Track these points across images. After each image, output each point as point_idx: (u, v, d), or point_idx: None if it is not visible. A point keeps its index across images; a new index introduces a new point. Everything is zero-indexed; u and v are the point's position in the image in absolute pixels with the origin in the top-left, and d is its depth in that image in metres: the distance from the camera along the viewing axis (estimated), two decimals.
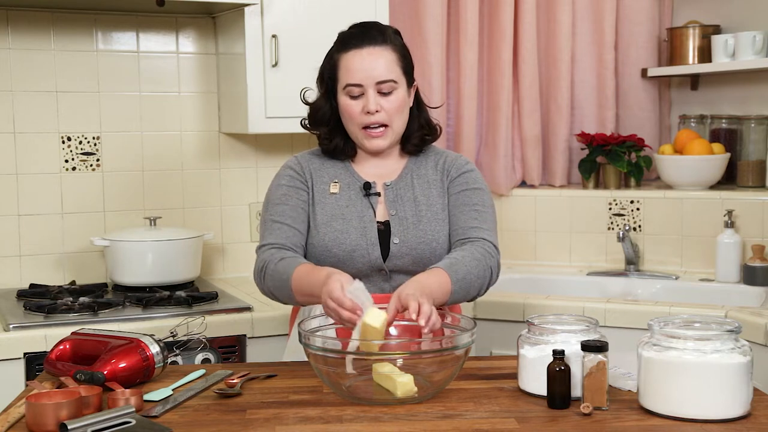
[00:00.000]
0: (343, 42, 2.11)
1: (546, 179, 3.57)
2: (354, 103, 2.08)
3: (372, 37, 2.08)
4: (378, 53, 2.07)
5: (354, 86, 2.07)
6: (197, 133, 3.16)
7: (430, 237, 2.08)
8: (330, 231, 2.07)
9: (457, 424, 1.59)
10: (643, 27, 3.54)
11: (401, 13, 3.34)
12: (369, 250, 2.06)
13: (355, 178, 2.14)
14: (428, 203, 2.12)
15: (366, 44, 2.07)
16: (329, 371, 1.73)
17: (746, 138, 3.33)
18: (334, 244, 2.05)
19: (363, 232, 2.07)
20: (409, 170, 2.18)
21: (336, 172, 2.15)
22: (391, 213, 2.11)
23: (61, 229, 2.98)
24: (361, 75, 2.06)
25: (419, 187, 2.15)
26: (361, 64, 2.06)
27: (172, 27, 3.10)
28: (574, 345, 1.70)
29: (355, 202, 2.11)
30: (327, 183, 2.13)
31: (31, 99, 2.93)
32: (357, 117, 2.08)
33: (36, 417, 1.56)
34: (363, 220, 2.08)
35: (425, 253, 2.08)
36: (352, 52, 2.07)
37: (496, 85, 3.42)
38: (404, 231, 2.08)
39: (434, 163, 2.19)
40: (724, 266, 3.04)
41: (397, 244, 2.07)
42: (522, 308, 2.74)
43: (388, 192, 2.14)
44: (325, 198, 2.11)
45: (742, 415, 1.60)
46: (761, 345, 2.40)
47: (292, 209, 2.10)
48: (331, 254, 2.05)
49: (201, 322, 2.33)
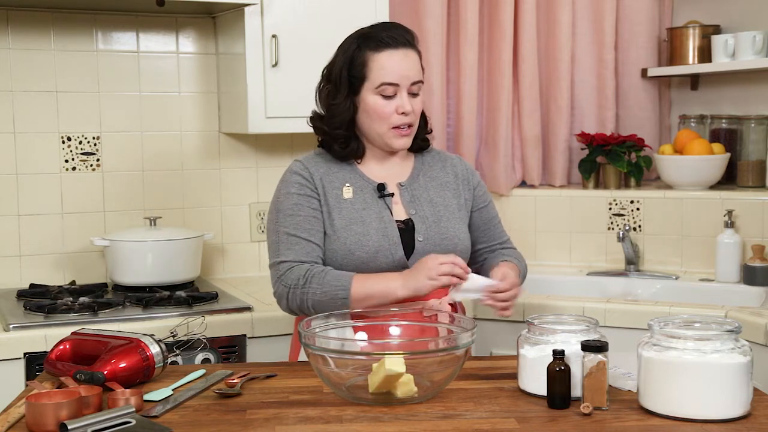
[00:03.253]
0: (374, 41, 2.08)
1: (546, 179, 3.57)
2: (386, 103, 2.08)
3: (405, 39, 2.11)
4: (411, 55, 2.12)
5: (390, 85, 2.07)
6: (197, 133, 3.16)
7: (452, 233, 2.14)
8: (351, 235, 2.07)
9: (457, 424, 1.59)
10: (643, 27, 3.54)
11: (401, 13, 3.34)
12: (392, 250, 2.08)
13: (366, 181, 2.15)
14: (444, 204, 2.18)
15: (401, 45, 2.10)
16: (329, 371, 1.73)
17: (746, 138, 3.33)
18: (356, 247, 2.06)
19: (384, 233, 2.08)
20: (419, 170, 2.22)
21: (345, 176, 2.14)
22: (411, 212, 2.14)
23: (61, 229, 2.98)
24: (398, 75, 2.07)
25: (433, 188, 2.20)
26: (399, 64, 2.08)
27: (172, 27, 3.10)
28: (574, 345, 1.70)
29: (371, 205, 2.12)
30: (339, 188, 2.12)
31: (31, 99, 2.93)
32: (389, 117, 2.08)
33: (36, 417, 1.56)
34: (383, 221, 2.10)
35: (449, 248, 2.12)
36: (387, 51, 2.08)
37: (496, 85, 3.42)
38: (427, 229, 2.12)
39: (442, 165, 2.25)
40: (724, 266, 3.04)
41: (421, 242, 2.10)
42: (522, 308, 2.74)
43: (404, 192, 2.17)
44: (340, 203, 2.10)
45: (742, 415, 1.60)
46: (761, 345, 2.40)
47: (306, 220, 2.08)
48: (354, 257, 2.06)
49: (201, 322, 2.33)
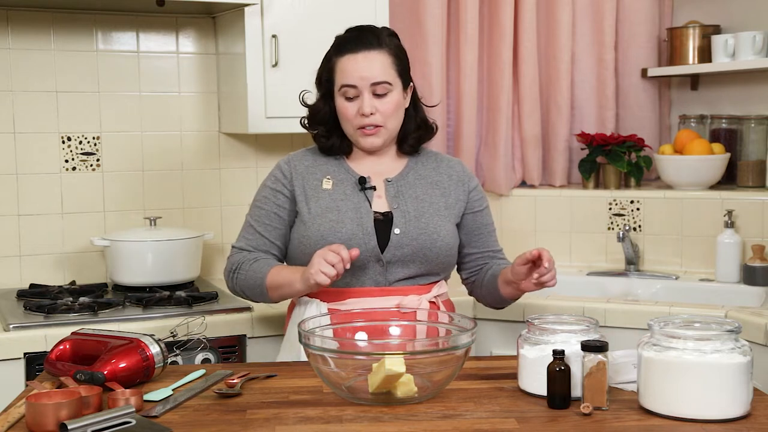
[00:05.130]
0: (340, 46, 2.18)
1: (546, 179, 3.57)
2: (349, 105, 2.15)
3: (368, 42, 2.15)
4: (373, 57, 2.14)
5: (349, 87, 2.13)
6: (197, 133, 3.16)
7: (432, 229, 2.15)
8: (325, 222, 2.13)
9: (457, 424, 1.60)
10: (643, 27, 3.54)
11: (401, 13, 3.34)
12: (366, 240, 2.10)
13: (350, 174, 2.21)
14: (430, 201, 2.19)
15: (361, 49, 2.14)
16: (329, 371, 1.73)
17: (746, 138, 3.33)
18: (329, 233, 2.10)
19: (359, 222, 2.12)
20: (410, 168, 2.25)
21: (329, 169, 2.23)
22: (393, 206, 2.16)
23: (61, 229, 2.98)
24: (356, 77, 2.13)
25: (420, 186, 2.21)
26: (357, 66, 2.13)
27: (172, 27, 3.10)
28: (574, 345, 1.70)
29: (350, 196, 2.17)
30: (319, 179, 2.20)
31: (31, 99, 2.93)
32: (352, 119, 2.15)
33: (36, 417, 1.56)
34: (359, 211, 2.14)
35: (426, 243, 2.13)
36: (348, 55, 2.14)
37: (496, 85, 3.42)
38: (406, 223, 2.14)
39: (436, 166, 2.26)
40: (724, 266, 3.04)
41: (397, 235, 2.12)
42: (522, 308, 2.73)
43: (390, 187, 2.20)
44: (318, 193, 2.18)
45: (742, 415, 1.60)
46: (761, 345, 2.40)
47: (267, 215, 2.22)
48: (326, 242, 2.09)
49: (201, 322, 2.33)
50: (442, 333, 1.91)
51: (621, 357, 1.84)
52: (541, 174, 3.55)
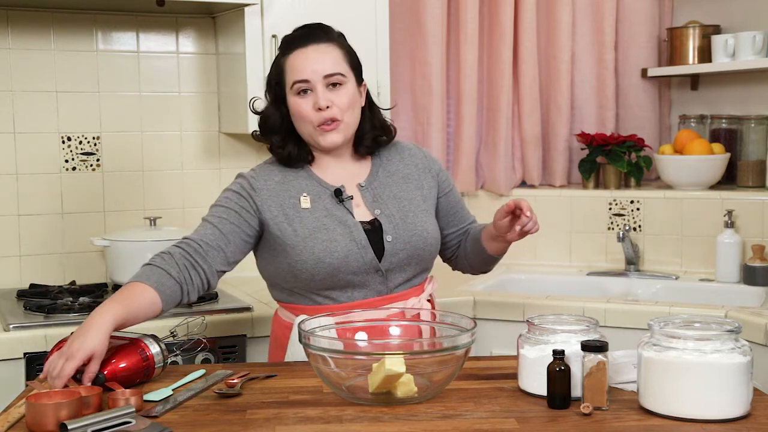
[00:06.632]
0: (287, 45, 2.10)
1: (546, 179, 3.57)
2: (304, 101, 2.06)
3: (316, 36, 2.09)
4: (323, 50, 2.07)
5: (301, 82, 2.05)
6: (197, 133, 3.16)
7: (420, 228, 2.11)
8: (318, 243, 2.02)
9: (457, 424, 1.59)
10: (643, 27, 3.54)
11: (401, 13, 3.34)
12: (362, 254, 2.04)
13: (323, 187, 2.10)
14: (408, 198, 2.14)
15: (310, 43, 2.07)
16: (329, 371, 1.73)
17: (746, 138, 3.33)
18: (325, 254, 2.02)
19: (351, 237, 2.04)
20: (377, 167, 2.17)
21: (301, 184, 2.10)
22: (376, 212, 2.10)
23: (61, 229, 2.98)
24: (308, 70, 2.05)
25: (394, 184, 2.16)
26: (307, 60, 2.06)
27: (172, 27, 3.10)
28: (574, 345, 1.70)
29: (332, 210, 2.08)
30: (296, 197, 2.08)
31: (31, 99, 2.93)
32: (309, 115, 2.05)
33: (36, 417, 1.56)
34: (347, 225, 2.06)
35: (418, 244, 2.09)
36: (296, 51, 2.07)
37: (496, 85, 3.42)
38: (394, 228, 2.08)
39: (400, 158, 2.20)
40: (724, 266, 3.04)
41: (390, 242, 2.07)
42: (522, 308, 2.74)
43: (365, 193, 2.13)
44: (300, 213, 2.06)
45: (742, 415, 1.60)
46: (761, 345, 2.40)
47: (226, 211, 2.06)
48: (324, 264, 2.02)
49: (201, 322, 2.33)
50: (442, 333, 1.91)
51: (621, 357, 1.84)
52: (541, 174, 3.55)
